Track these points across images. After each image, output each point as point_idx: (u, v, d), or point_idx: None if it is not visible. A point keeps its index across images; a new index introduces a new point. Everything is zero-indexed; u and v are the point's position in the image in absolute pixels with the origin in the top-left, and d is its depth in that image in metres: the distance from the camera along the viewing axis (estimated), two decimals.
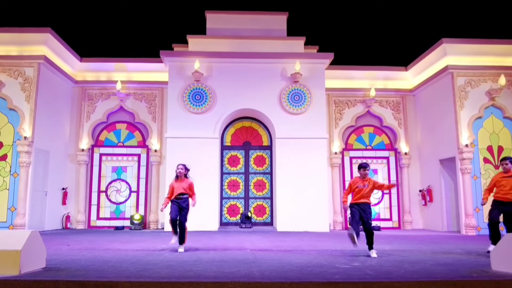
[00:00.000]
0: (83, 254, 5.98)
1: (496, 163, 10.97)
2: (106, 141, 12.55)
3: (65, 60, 11.92)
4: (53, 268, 4.62)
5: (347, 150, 12.88)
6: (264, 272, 4.41)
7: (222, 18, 12.62)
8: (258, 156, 12.62)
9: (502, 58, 11.30)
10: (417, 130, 13.08)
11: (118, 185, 12.33)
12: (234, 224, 12.10)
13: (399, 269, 4.74)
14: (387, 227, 12.39)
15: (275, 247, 7.11)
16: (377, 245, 7.63)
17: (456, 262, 5.37)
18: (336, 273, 4.43)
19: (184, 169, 6.47)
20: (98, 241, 8.09)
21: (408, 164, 12.78)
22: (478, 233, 10.47)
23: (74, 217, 12.04)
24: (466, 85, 11.18)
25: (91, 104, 12.54)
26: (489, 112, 11.18)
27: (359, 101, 12.97)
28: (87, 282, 3.92)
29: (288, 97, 11.72)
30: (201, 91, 11.62)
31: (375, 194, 12.75)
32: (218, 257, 5.73)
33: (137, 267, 4.78)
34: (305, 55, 12.00)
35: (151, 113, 12.55)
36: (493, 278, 4.15)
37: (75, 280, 3.94)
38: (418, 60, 12.42)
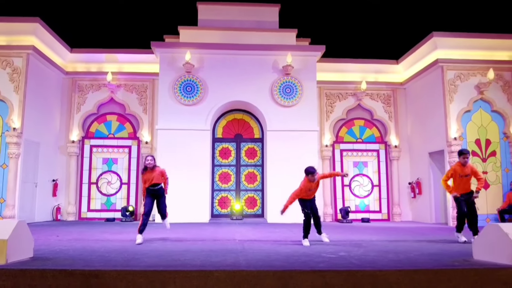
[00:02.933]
0: (72, 245, 6.00)
1: (484, 156, 11.13)
2: (96, 133, 12.49)
3: (55, 51, 11.79)
4: (41, 258, 4.65)
5: (337, 143, 12.96)
6: (250, 261, 4.48)
7: (214, 9, 12.55)
8: (249, 148, 12.66)
9: (491, 52, 11.39)
10: (407, 123, 13.19)
11: (109, 177, 12.30)
12: (225, 216, 12.16)
13: (384, 258, 4.83)
14: (376, 219, 12.53)
15: (264, 238, 7.19)
16: (365, 236, 7.77)
17: (440, 252, 5.48)
18: (321, 261, 4.51)
19: (153, 160, 6.67)
20: (88, 232, 8.10)
21: (398, 157, 12.91)
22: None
23: (64, 209, 12.01)
24: (455, 78, 11.28)
25: (82, 96, 12.45)
26: (477, 105, 11.31)
27: (350, 94, 13.03)
28: (73, 271, 3.94)
29: (280, 90, 11.74)
30: (193, 82, 11.59)
31: (365, 187, 12.88)
32: (206, 247, 5.79)
33: (124, 256, 4.82)
34: (297, 47, 12.00)
35: (142, 105, 12.50)
36: (473, 267, 4.25)
37: (62, 269, 3.97)
38: (409, 53, 12.48)
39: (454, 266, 4.29)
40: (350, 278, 3.92)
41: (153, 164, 6.63)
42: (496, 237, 4.62)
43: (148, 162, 6.56)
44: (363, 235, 7.84)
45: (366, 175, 12.91)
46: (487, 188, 10.99)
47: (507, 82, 11.44)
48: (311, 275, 3.91)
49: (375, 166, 12.97)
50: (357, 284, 3.88)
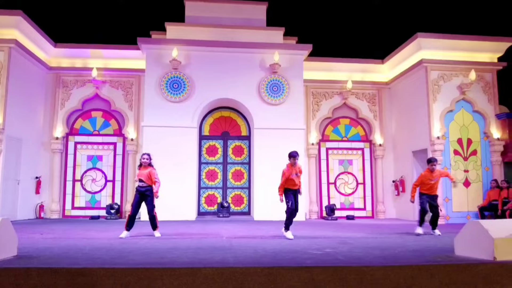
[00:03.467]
0: (57, 243, 5.92)
1: (465, 155, 11.41)
2: (81, 129, 12.31)
3: (38, 45, 11.56)
4: (25, 256, 4.57)
5: (323, 141, 13.08)
6: (238, 258, 4.50)
7: (201, 6, 12.49)
8: (236, 146, 12.67)
9: (473, 54, 11.68)
10: (392, 122, 13.41)
11: (93, 174, 12.15)
12: (212, 214, 12.16)
13: (369, 255, 4.92)
14: (361, 216, 12.73)
15: (251, 235, 7.22)
16: (350, 233, 7.89)
17: (423, 248, 5.61)
18: (308, 258, 4.57)
19: (149, 158, 6.91)
20: (73, 230, 8.00)
21: (382, 156, 13.12)
22: (447, 222, 10.91)
23: (48, 207, 11.81)
24: (439, 79, 11.52)
25: (66, 91, 12.24)
26: (460, 105, 11.57)
27: (336, 93, 13.16)
28: (59, 269, 3.89)
29: (267, 88, 11.78)
30: (179, 79, 11.53)
31: (350, 184, 13.05)
32: (194, 244, 5.79)
33: (111, 254, 4.79)
34: (284, 45, 12.05)
35: (128, 101, 12.37)
36: (454, 262, 4.37)
37: (47, 267, 3.91)
38: (394, 53, 12.68)
39: (437, 262, 4.40)
40: (336, 274, 3.98)
41: (148, 162, 6.88)
42: (477, 234, 4.76)
43: (144, 160, 6.88)
44: (349, 232, 7.96)
45: (351, 173, 13.08)
46: (468, 186, 11.29)
47: (488, 83, 11.74)
48: (298, 272, 3.96)
49: (360, 164, 13.16)
50: (344, 280, 3.95)
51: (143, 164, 6.89)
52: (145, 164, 6.87)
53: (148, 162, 6.88)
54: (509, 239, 4.68)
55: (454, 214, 11.09)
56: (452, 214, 11.08)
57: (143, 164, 6.89)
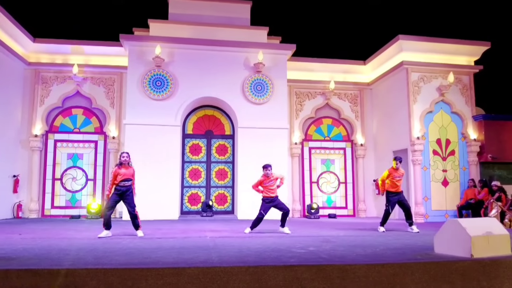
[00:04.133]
0: (37, 243, 5.80)
1: (444, 155, 11.71)
2: (61, 127, 12.04)
3: (16, 40, 11.24)
4: (3, 258, 4.47)
5: (306, 140, 13.20)
6: (223, 258, 4.52)
7: (185, 3, 12.39)
8: (220, 145, 12.64)
9: (451, 57, 11.99)
10: (373, 122, 13.63)
11: (74, 173, 11.91)
12: (195, 213, 12.10)
13: (352, 253, 5.02)
14: (342, 215, 12.91)
15: (235, 234, 7.24)
16: (332, 231, 8.00)
17: (404, 246, 5.75)
18: (292, 256, 4.62)
19: (128, 157, 6.95)
20: (53, 230, 7.84)
21: (364, 155, 13.33)
22: (426, 220, 11.18)
23: (26, 206, 11.51)
24: (419, 80, 11.78)
25: (46, 88, 11.95)
26: (439, 107, 11.87)
27: (319, 93, 13.30)
28: (40, 271, 3.82)
29: (251, 87, 11.80)
30: (162, 77, 11.42)
31: (332, 183, 13.21)
32: (178, 244, 5.77)
33: (94, 254, 4.73)
34: (268, 45, 12.09)
35: (109, 99, 12.16)
36: (434, 260, 4.50)
37: (28, 268, 3.84)
38: (376, 55, 12.88)
39: (417, 260, 4.52)
40: (320, 272, 4.05)
41: (128, 160, 6.91)
42: (455, 232, 4.92)
43: (124, 158, 6.85)
44: (331, 231, 8.07)
45: (333, 172, 13.25)
46: (447, 185, 11.59)
47: (465, 85, 12.08)
48: (282, 270, 4.01)
49: (342, 164, 13.34)
50: (327, 278, 4.02)
51: (124, 163, 6.86)
52: (126, 163, 6.86)
53: (128, 160, 6.91)
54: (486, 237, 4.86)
55: (433, 212, 11.37)
56: (431, 213, 11.36)
57: (124, 163, 6.85)
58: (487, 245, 4.84)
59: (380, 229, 8.11)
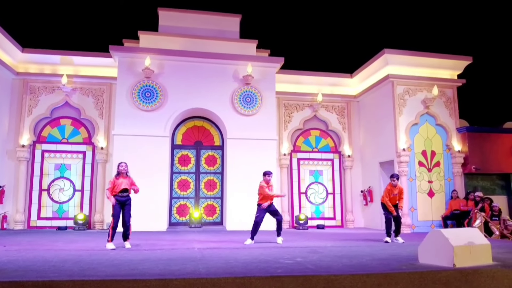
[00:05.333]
0: (22, 255, 5.73)
1: (429, 167, 11.92)
2: (49, 137, 11.95)
3: (5, 50, 11.20)
4: None
5: (295, 152, 13.32)
6: (210, 269, 4.54)
7: (175, 16, 12.54)
8: (209, 155, 12.67)
9: (435, 70, 12.32)
10: (360, 134, 13.84)
11: (61, 184, 11.79)
12: (184, 224, 12.05)
13: (338, 263, 5.08)
14: (330, 226, 12.99)
15: (223, 245, 7.24)
16: (320, 242, 8.06)
17: (390, 257, 5.83)
18: (279, 267, 4.67)
19: (126, 166, 7.07)
20: (39, 242, 7.74)
21: (351, 166, 13.49)
22: (413, 231, 11.31)
23: (11, 217, 11.32)
24: (404, 93, 12.05)
25: (34, 98, 11.88)
26: (424, 119, 12.13)
27: (307, 105, 13.48)
28: (25, 282, 3.80)
29: (240, 99, 11.91)
30: (152, 88, 11.47)
31: (320, 194, 13.31)
32: (165, 256, 5.76)
33: (80, 266, 4.70)
34: (257, 58, 12.26)
35: (98, 109, 12.14)
36: (418, 270, 4.59)
37: (12, 280, 3.81)
38: (362, 68, 13.16)
39: (401, 270, 4.61)
40: (306, 283, 4.10)
41: (126, 170, 7.04)
42: (439, 242, 5.03)
43: (122, 168, 6.96)
44: (319, 241, 8.13)
45: (321, 183, 13.36)
46: (432, 196, 11.79)
47: (449, 98, 12.39)
48: (269, 281, 4.05)
49: (330, 175, 13.47)
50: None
51: (122, 172, 6.94)
52: (124, 172, 6.96)
53: (126, 170, 7.03)
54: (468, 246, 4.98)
55: (419, 223, 11.53)
56: (417, 223, 11.51)
57: (122, 172, 6.94)
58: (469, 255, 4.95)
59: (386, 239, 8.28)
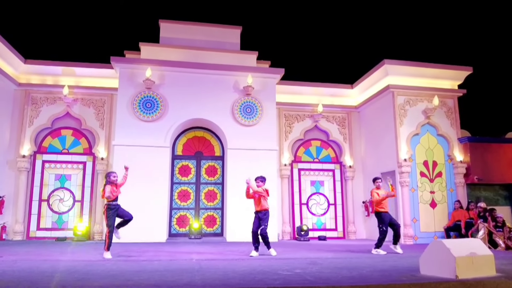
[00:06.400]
0: (18, 266, 5.68)
1: (431, 177, 11.83)
2: (49, 148, 11.96)
3: (7, 61, 11.29)
4: None
5: (296, 162, 13.27)
6: (206, 280, 4.47)
7: (176, 28, 12.64)
8: (210, 166, 12.63)
9: (436, 81, 12.31)
10: (361, 144, 13.79)
11: (61, 194, 11.76)
12: (184, 235, 11.95)
13: (337, 275, 5.00)
14: (332, 237, 12.85)
15: (222, 257, 7.16)
16: (321, 253, 7.96)
17: (390, 268, 5.74)
18: (277, 279, 4.59)
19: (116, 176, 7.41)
20: (36, 252, 7.68)
21: (353, 177, 13.41)
22: (415, 242, 11.17)
23: (11, 228, 11.27)
24: (405, 103, 12.03)
25: (35, 109, 11.93)
26: (425, 129, 12.08)
27: (308, 116, 13.47)
28: None
29: (240, 109, 11.92)
30: (152, 99, 11.51)
31: (322, 205, 13.21)
32: (162, 267, 5.69)
33: (75, 277, 4.64)
34: (257, 69, 12.31)
35: (99, 120, 12.17)
36: (419, 281, 4.51)
37: None
38: (362, 78, 13.18)
39: (402, 281, 4.52)
40: None
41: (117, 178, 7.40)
42: (440, 253, 4.94)
43: (115, 178, 7.30)
44: (319, 253, 8.03)
45: (322, 194, 13.27)
46: (434, 207, 11.67)
47: (450, 108, 12.36)
48: None
49: (331, 185, 13.38)
50: None
51: (115, 182, 7.26)
52: (116, 181, 7.28)
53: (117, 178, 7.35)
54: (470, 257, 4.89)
55: (422, 234, 11.39)
56: (419, 234, 11.37)
57: (114, 182, 7.26)
58: (472, 266, 4.87)
59: (380, 252, 8.14)
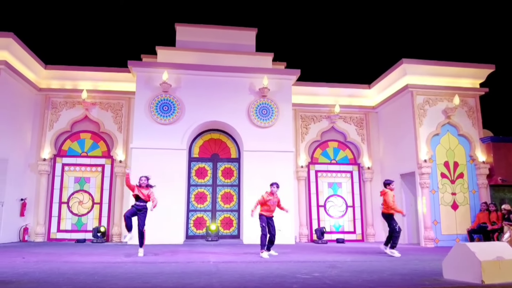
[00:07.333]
0: (39, 267, 5.76)
1: (452, 178, 11.53)
2: (69, 151, 12.19)
3: (28, 67, 11.57)
4: (3, 281, 4.43)
5: (312, 164, 13.14)
6: (224, 283, 4.43)
7: (192, 31, 12.71)
8: (226, 168, 12.63)
9: (456, 80, 12.01)
10: (379, 145, 13.56)
11: (80, 196, 11.96)
12: (201, 237, 11.97)
13: (357, 278, 4.88)
14: (351, 240, 12.66)
15: (239, 259, 7.11)
16: (339, 256, 7.83)
17: (412, 272, 5.58)
18: (295, 282, 4.51)
19: (146, 180, 7.78)
20: (57, 254, 7.79)
21: (371, 178, 13.19)
22: (436, 245, 10.89)
23: (32, 229, 11.52)
24: (424, 103, 11.77)
25: (55, 113, 12.18)
26: (445, 129, 11.79)
27: (324, 117, 13.33)
28: None
29: (256, 111, 11.89)
30: (169, 102, 11.59)
31: (340, 207, 13.03)
32: (179, 269, 5.68)
33: (94, 279, 4.67)
34: (273, 70, 12.26)
35: (117, 123, 12.34)
36: (442, 286, 4.36)
37: None
38: (380, 78, 12.96)
39: (424, 285, 4.38)
40: None
41: (146, 183, 7.73)
42: (464, 257, 4.77)
43: (142, 181, 7.72)
44: (338, 256, 7.90)
45: (340, 196, 13.09)
46: (456, 209, 11.36)
47: (472, 107, 12.03)
48: None
49: (349, 187, 13.19)
50: None
51: (142, 185, 7.66)
52: (143, 185, 7.65)
53: (146, 183, 7.69)
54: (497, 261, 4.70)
55: (443, 237, 11.10)
56: (441, 237, 11.09)
57: (142, 185, 7.66)
58: (499, 271, 4.67)
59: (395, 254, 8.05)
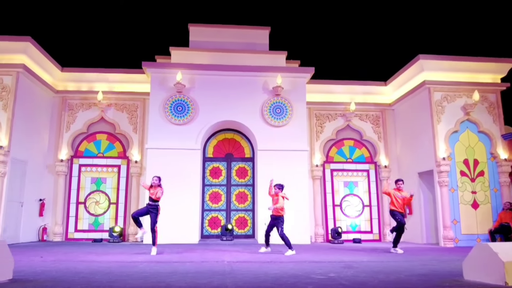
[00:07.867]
0: (55, 266, 5.83)
1: (472, 176, 11.22)
2: (86, 152, 12.36)
3: (45, 69, 11.78)
4: (20, 280, 4.49)
5: (328, 162, 12.99)
6: (237, 283, 4.38)
7: (205, 31, 12.73)
8: (240, 168, 12.61)
9: (475, 75, 11.67)
10: (396, 143, 13.31)
11: (97, 197, 12.11)
12: (216, 237, 11.97)
13: (374, 279, 4.77)
14: (368, 240, 12.45)
15: (253, 259, 7.06)
16: (356, 256, 7.70)
17: (430, 272, 5.43)
18: (310, 283, 4.43)
19: (158, 180, 8.00)
20: (74, 253, 7.90)
21: (388, 177, 12.91)
22: (456, 245, 10.62)
23: (51, 229, 11.73)
24: (442, 100, 11.48)
25: (72, 114, 12.38)
26: (464, 126, 11.48)
27: (340, 115, 13.16)
28: None
29: (270, 110, 11.82)
30: (183, 102, 11.63)
31: (356, 207, 12.85)
32: (193, 268, 5.67)
33: (109, 278, 4.69)
34: (286, 69, 12.17)
35: (132, 124, 12.45)
36: (463, 287, 4.21)
37: None
38: (396, 75, 12.71)
39: (444, 287, 4.25)
40: None
41: (157, 183, 7.94)
42: (486, 257, 4.60)
43: (153, 181, 7.96)
44: (354, 256, 7.77)
45: (356, 195, 12.90)
46: (477, 208, 11.05)
47: (492, 103, 11.68)
48: None
49: (366, 186, 12.98)
50: None
51: (153, 185, 7.90)
52: (154, 185, 7.90)
53: (157, 183, 7.89)
54: None
55: (463, 236, 10.82)
56: (460, 237, 10.81)
57: (153, 185, 7.91)
58: None
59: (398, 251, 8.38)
